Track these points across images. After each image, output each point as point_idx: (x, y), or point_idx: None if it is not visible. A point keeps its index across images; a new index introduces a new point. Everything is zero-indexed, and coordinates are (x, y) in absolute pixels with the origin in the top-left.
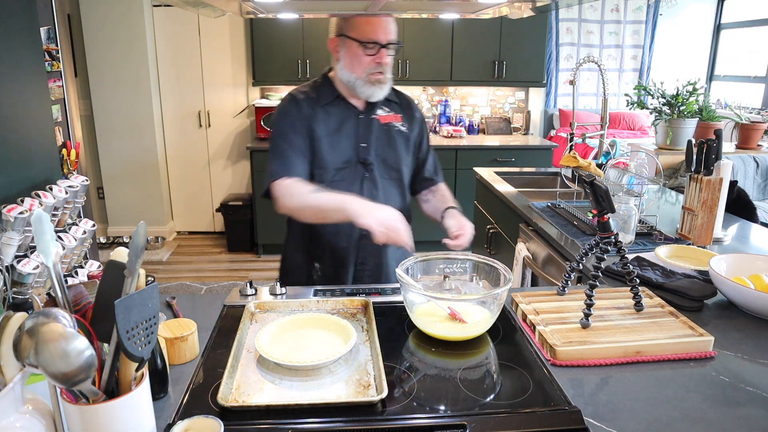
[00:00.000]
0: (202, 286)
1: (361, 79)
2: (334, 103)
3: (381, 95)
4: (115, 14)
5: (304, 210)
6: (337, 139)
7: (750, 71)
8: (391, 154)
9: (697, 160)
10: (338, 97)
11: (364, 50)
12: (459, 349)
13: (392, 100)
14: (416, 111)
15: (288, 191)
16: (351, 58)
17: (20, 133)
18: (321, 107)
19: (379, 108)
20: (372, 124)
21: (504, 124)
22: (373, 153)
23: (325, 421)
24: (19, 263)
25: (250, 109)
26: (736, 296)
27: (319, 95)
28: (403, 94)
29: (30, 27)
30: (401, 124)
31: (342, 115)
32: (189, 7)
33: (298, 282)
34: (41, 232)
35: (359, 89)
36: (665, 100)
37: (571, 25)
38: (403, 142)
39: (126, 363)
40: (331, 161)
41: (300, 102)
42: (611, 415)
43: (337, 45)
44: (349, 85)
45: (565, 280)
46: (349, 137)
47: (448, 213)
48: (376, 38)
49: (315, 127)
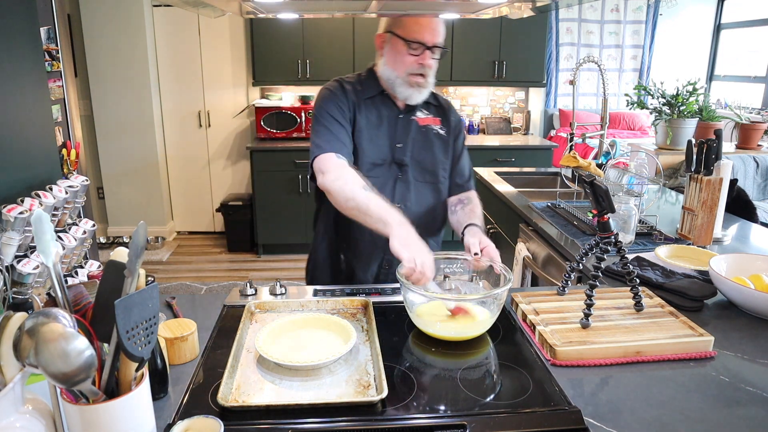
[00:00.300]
0: (202, 286)
1: (401, 78)
2: (376, 99)
3: (419, 99)
4: (115, 14)
5: (348, 201)
6: (376, 134)
7: (750, 71)
8: (427, 156)
9: (697, 160)
10: (382, 93)
11: (408, 49)
12: (459, 349)
13: (431, 103)
14: (453, 114)
15: (337, 172)
16: (394, 56)
17: (20, 133)
18: (364, 100)
19: (418, 110)
20: (410, 125)
21: (504, 124)
22: (408, 154)
23: (325, 421)
24: (19, 263)
25: (250, 109)
26: (736, 296)
27: (364, 88)
28: (442, 97)
29: (30, 27)
30: (440, 127)
31: (382, 111)
32: (189, 7)
33: (324, 276)
34: (41, 232)
35: (397, 89)
36: (665, 100)
37: (571, 25)
38: (441, 146)
39: (126, 363)
40: (367, 156)
41: (346, 88)
42: (611, 415)
43: (383, 41)
44: (388, 83)
45: (565, 280)
46: (387, 135)
47: (469, 230)
48: (422, 39)
49: (358, 116)
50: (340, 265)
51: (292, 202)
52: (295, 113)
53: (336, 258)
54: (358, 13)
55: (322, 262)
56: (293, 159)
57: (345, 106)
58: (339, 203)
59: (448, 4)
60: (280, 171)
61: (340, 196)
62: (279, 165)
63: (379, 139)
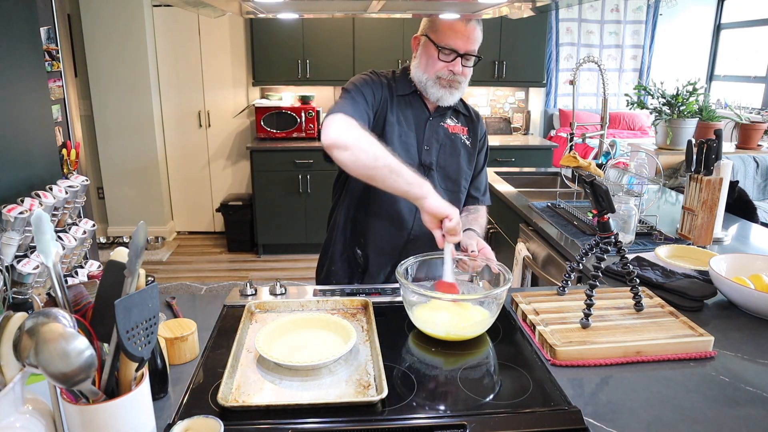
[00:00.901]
0: (202, 286)
1: (432, 80)
2: (409, 98)
3: (451, 100)
4: (115, 14)
5: (378, 159)
6: (405, 133)
7: (750, 71)
8: (453, 164)
9: (697, 160)
10: (414, 92)
11: (439, 54)
12: (459, 349)
13: (461, 112)
14: (481, 127)
15: (360, 131)
16: (426, 59)
17: (20, 133)
18: (397, 96)
19: (448, 117)
20: (439, 130)
21: (504, 124)
22: (435, 159)
23: (325, 421)
24: (19, 263)
25: (250, 109)
26: (736, 296)
27: (398, 85)
28: (471, 107)
29: (30, 27)
30: (467, 137)
31: (413, 112)
32: (189, 7)
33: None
34: (41, 232)
35: (429, 90)
36: (665, 100)
37: (571, 25)
38: (467, 156)
39: (126, 363)
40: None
41: (382, 80)
42: (611, 415)
43: (418, 43)
44: (420, 85)
45: (565, 280)
46: (414, 136)
47: (467, 233)
48: (455, 45)
49: (389, 111)
50: (356, 259)
51: (292, 202)
52: (295, 113)
53: (352, 252)
54: (358, 13)
55: (339, 257)
56: (293, 159)
57: (378, 91)
58: (365, 161)
59: (448, 4)
60: (280, 171)
61: (369, 153)
62: (279, 165)
63: (408, 138)
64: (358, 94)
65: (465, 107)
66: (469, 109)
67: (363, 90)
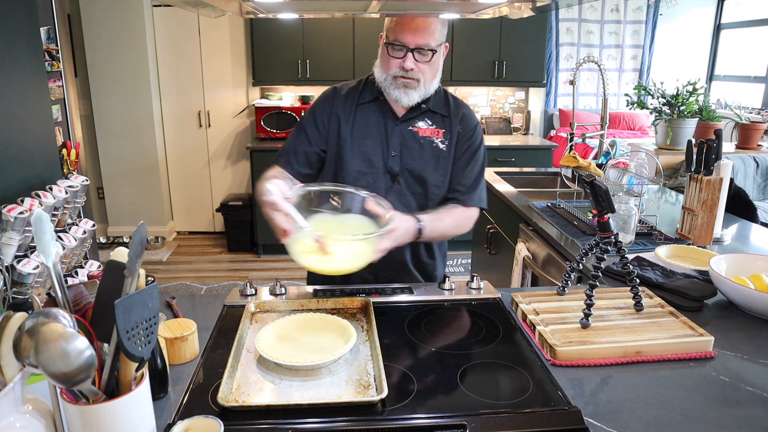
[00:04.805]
0: (202, 286)
1: (389, 79)
2: (373, 104)
3: (408, 101)
4: (115, 14)
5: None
6: (363, 142)
7: (750, 71)
8: (420, 169)
9: (697, 160)
10: (377, 99)
11: (389, 50)
12: (459, 349)
13: (438, 113)
14: (465, 124)
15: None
16: (382, 57)
17: (20, 133)
18: (359, 105)
19: (420, 119)
20: (407, 134)
21: (504, 124)
22: (401, 164)
23: (325, 421)
24: (19, 263)
25: (250, 109)
26: (736, 296)
27: (362, 92)
28: (456, 105)
29: (30, 27)
30: (441, 140)
31: (377, 117)
32: (189, 7)
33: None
34: (41, 232)
35: (388, 90)
36: (665, 100)
37: (571, 25)
38: (437, 159)
39: (126, 363)
40: (352, 164)
41: (338, 96)
42: (611, 415)
43: (380, 42)
44: (380, 84)
45: (565, 280)
46: (378, 143)
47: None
48: (403, 40)
49: (343, 126)
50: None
51: None
52: (295, 113)
53: None
54: (358, 13)
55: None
56: None
57: (325, 115)
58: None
59: (448, 4)
60: None
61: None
62: None
63: (368, 148)
64: (299, 134)
65: (445, 106)
66: (450, 108)
67: (308, 125)
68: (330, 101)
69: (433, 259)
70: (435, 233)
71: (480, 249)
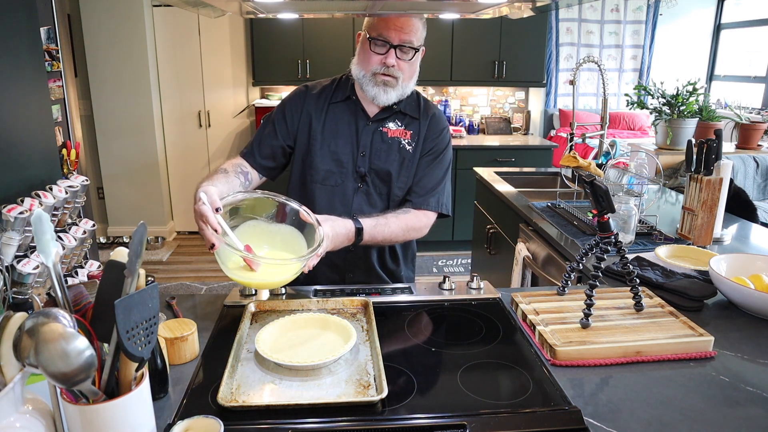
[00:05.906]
0: (202, 286)
1: (368, 76)
2: (345, 103)
3: (385, 99)
4: (115, 14)
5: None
6: (333, 142)
7: (750, 71)
8: (385, 169)
9: (697, 160)
10: (350, 98)
11: (371, 46)
12: (459, 349)
13: (409, 114)
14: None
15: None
16: (362, 54)
17: (20, 133)
18: (332, 104)
19: (391, 120)
20: (377, 134)
21: (504, 124)
22: (369, 164)
23: (325, 421)
24: (19, 263)
25: (250, 109)
26: (736, 296)
27: (335, 91)
28: (427, 107)
29: (30, 27)
30: (408, 141)
31: (348, 117)
32: (189, 7)
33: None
34: (41, 232)
35: (365, 87)
36: (665, 100)
37: (571, 25)
38: (400, 160)
39: (126, 363)
40: (321, 163)
41: (309, 94)
42: (611, 415)
43: (359, 40)
44: (358, 81)
45: (565, 280)
46: (348, 143)
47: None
48: (387, 36)
49: (314, 124)
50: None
51: None
52: None
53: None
54: (358, 13)
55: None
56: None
57: (295, 113)
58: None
59: (448, 4)
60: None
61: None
62: None
63: (338, 147)
64: (265, 129)
65: (416, 108)
66: (420, 110)
67: (276, 121)
68: (301, 99)
69: (398, 264)
70: (378, 237)
71: (480, 249)
